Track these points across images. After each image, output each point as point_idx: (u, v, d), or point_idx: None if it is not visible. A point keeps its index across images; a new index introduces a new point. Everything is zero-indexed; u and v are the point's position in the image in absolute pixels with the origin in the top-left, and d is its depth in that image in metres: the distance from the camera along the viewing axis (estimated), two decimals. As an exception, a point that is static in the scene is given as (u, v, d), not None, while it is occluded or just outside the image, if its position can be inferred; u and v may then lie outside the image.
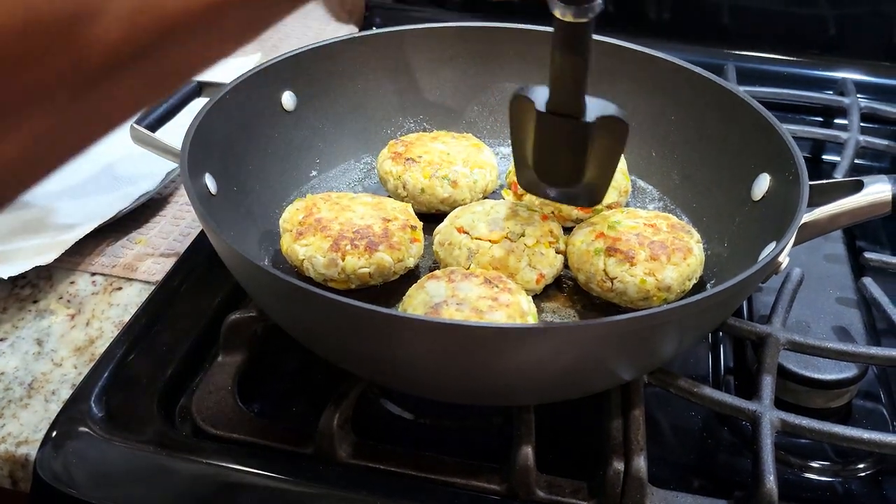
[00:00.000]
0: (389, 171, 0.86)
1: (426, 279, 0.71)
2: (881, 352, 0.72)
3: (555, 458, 0.66)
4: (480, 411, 0.73)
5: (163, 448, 0.66)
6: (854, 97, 1.14)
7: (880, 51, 1.23)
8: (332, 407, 0.65)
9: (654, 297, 0.73)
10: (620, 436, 0.65)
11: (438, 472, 0.65)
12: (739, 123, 0.82)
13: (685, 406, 0.72)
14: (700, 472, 0.70)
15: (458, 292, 0.68)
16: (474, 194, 0.87)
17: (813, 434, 0.66)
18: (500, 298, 0.67)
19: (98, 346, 0.77)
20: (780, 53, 1.25)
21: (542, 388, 0.63)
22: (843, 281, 0.85)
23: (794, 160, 0.73)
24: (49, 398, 0.72)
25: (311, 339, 0.66)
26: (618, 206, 0.86)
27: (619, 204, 0.86)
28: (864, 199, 0.70)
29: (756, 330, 0.74)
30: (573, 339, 0.56)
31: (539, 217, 0.79)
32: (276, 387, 0.75)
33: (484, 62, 0.97)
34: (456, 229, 0.78)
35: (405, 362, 0.61)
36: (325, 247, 0.74)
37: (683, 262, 0.74)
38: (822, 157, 1.12)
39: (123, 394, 0.70)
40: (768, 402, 0.68)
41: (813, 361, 0.74)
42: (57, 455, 0.65)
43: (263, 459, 0.65)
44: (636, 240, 0.75)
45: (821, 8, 1.22)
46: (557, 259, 0.77)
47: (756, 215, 0.78)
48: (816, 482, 0.69)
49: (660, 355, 0.64)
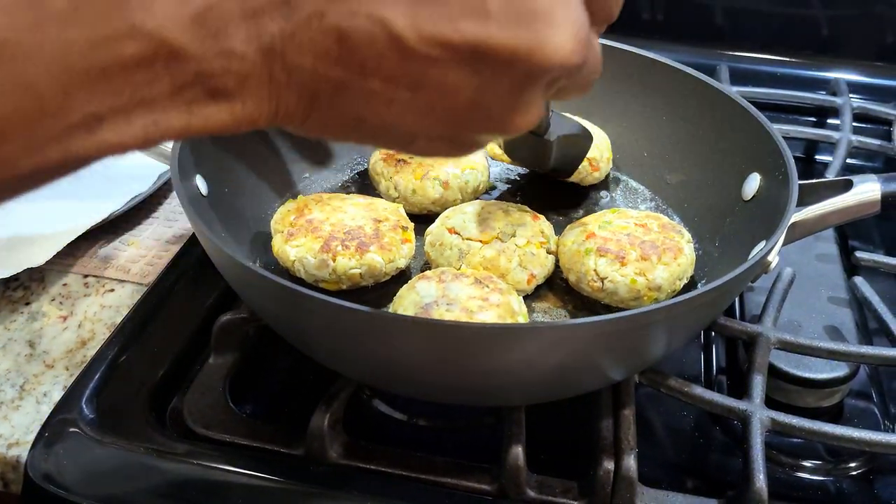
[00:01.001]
0: (381, 173, 0.87)
1: (417, 280, 0.71)
2: (872, 351, 0.73)
3: (546, 458, 0.67)
4: (472, 411, 0.73)
5: (154, 449, 0.65)
6: (846, 97, 1.14)
7: (873, 51, 1.23)
8: (323, 407, 0.65)
9: (644, 296, 0.73)
10: (611, 435, 0.65)
11: (429, 472, 0.65)
12: (730, 124, 0.82)
13: (677, 405, 0.72)
14: (692, 472, 0.70)
15: (448, 293, 0.68)
16: (465, 195, 0.87)
17: (803, 433, 0.66)
18: (490, 298, 0.67)
19: (90, 347, 0.77)
20: (772, 54, 1.25)
21: (533, 388, 0.63)
22: (835, 280, 0.86)
23: (784, 160, 0.73)
24: (41, 400, 0.72)
25: (301, 341, 0.66)
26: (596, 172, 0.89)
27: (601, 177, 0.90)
28: (854, 198, 0.70)
29: (747, 329, 0.74)
30: (562, 338, 0.56)
31: (530, 217, 0.79)
32: (268, 388, 0.75)
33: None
34: (447, 230, 0.78)
35: (395, 363, 0.61)
36: (315, 247, 0.74)
37: (674, 262, 0.74)
38: (815, 157, 1.12)
39: (115, 395, 0.70)
40: (759, 402, 0.68)
41: (804, 361, 0.74)
42: (48, 456, 0.65)
43: (254, 460, 0.65)
44: (627, 240, 0.75)
45: (813, 8, 1.23)
46: (548, 259, 0.77)
47: (747, 215, 0.78)
48: (808, 481, 0.70)
49: (650, 355, 0.64)
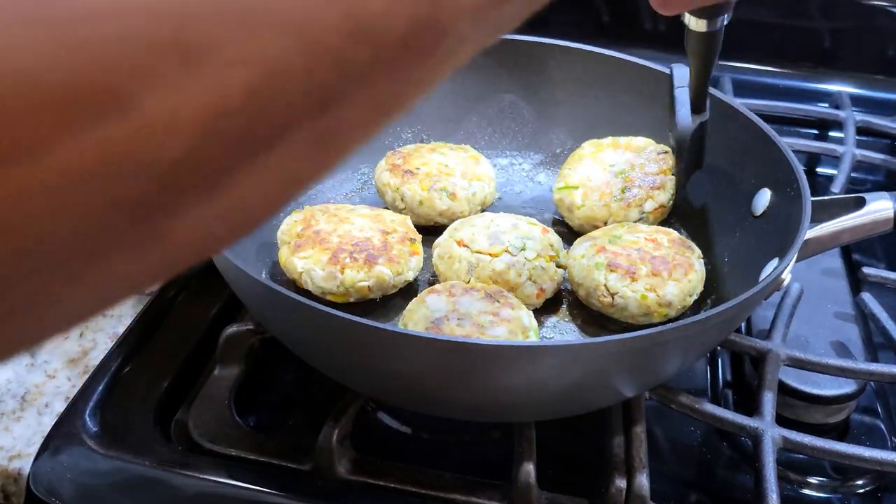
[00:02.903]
0: (387, 184, 0.86)
1: (426, 293, 0.70)
2: (881, 368, 0.72)
3: (556, 475, 0.66)
4: (479, 425, 0.72)
5: (158, 463, 0.65)
6: (849, 111, 1.14)
7: (875, 64, 1.23)
8: (332, 423, 0.64)
9: (654, 312, 0.73)
10: (622, 453, 0.64)
11: (438, 489, 0.64)
12: (740, 138, 0.82)
13: (684, 421, 0.72)
14: (700, 488, 0.70)
15: (458, 307, 0.67)
16: (473, 207, 0.86)
17: (815, 452, 0.66)
18: (501, 313, 0.67)
19: (92, 357, 0.76)
20: (775, 66, 1.25)
21: (545, 405, 0.63)
22: (841, 296, 0.86)
23: (795, 176, 0.73)
24: (42, 411, 0.71)
25: (308, 353, 0.66)
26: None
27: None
28: (867, 216, 0.70)
29: (756, 346, 0.73)
30: (577, 357, 0.56)
31: (539, 230, 0.79)
32: (274, 401, 0.75)
33: (482, 73, 0.97)
34: (455, 242, 0.77)
35: (406, 379, 0.60)
36: (323, 259, 0.73)
37: (685, 278, 0.74)
38: (817, 169, 1.12)
39: (118, 407, 0.69)
40: (770, 419, 0.67)
41: (811, 377, 0.74)
42: (51, 469, 0.64)
43: (261, 475, 0.64)
44: (637, 255, 0.75)
45: (816, 21, 1.23)
46: (558, 273, 0.77)
47: (757, 230, 0.78)
48: (815, 498, 0.69)
49: (663, 372, 0.64)
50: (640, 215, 0.83)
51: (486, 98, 0.97)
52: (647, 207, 0.84)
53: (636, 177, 0.85)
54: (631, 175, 0.85)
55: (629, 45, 0.93)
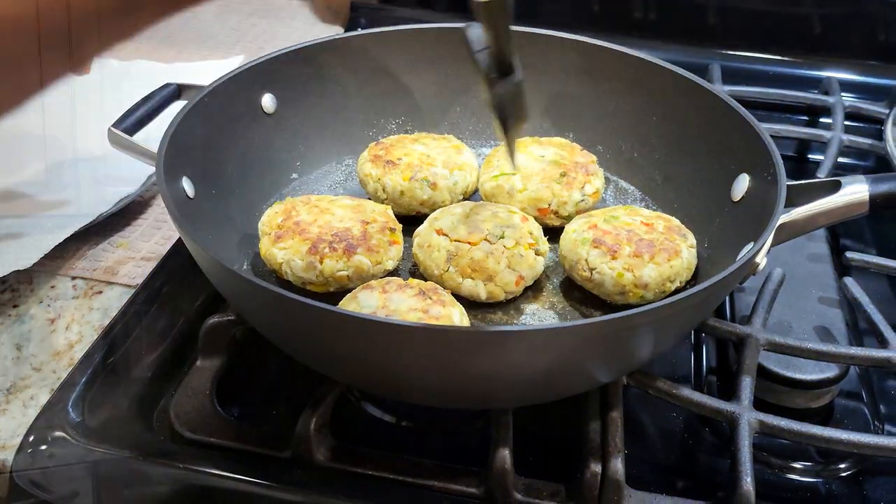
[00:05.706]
0: (369, 174, 0.86)
1: (361, 289, 0.71)
2: (861, 352, 0.72)
3: (533, 460, 0.66)
4: (460, 414, 0.73)
5: (141, 453, 0.65)
6: (838, 96, 1.14)
7: (864, 50, 1.23)
8: (310, 411, 0.65)
9: (630, 292, 0.74)
10: (598, 438, 0.65)
11: (416, 476, 0.65)
12: (720, 124, 0.82)
13: (666, 407, 0.72)
14: (681, 473, 0.70)
15: (389, 303, 0.68)
16: (454, 196, 0.86)
17: (792, 435, 0.66)
18: (430, 311, 0.67)
19: (77, 350, 0.76)
20: (764, 53, 1.25)
21: (521, 391, 0.63)
22: (826, 281, 0.85)
23: (772, 160, 0.73)
24: (27, 403, 0.71)
25: (286, 343, 0.66)
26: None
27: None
28: (842, 199, 0.70)
29: (736, 331, 0.74)
30: (548, 341, 0.56)
31: (519, 219, 0.79)
32: (255, 391, 0.75)
33: (466, 64, 0.96)
34: (435, 231, 0.77)
35: (381, 366, 0.60)
36: (303, 250, 0.74)
37: (666, 263, 0.74)
38: (808, 155, 1.12)
39: (101, 398, 0.70)
40: (747, 403, 0.68)
41: (794, 362, 0.74)
42: (34, 460, 0.65)
43: (241, 463, 0.65)
44: (626, 235, 0.76)
45: (805, 7, 1.23)
46: (537, 261, 0.77)
47: (736, 216, 0.78)
48: (798, 483, 0.69)
49: (636, 357, 0.64)
50: (582, 197, 0.85)
51: (470, 89, 0.97)
52: (588, 190, 0.85)
53: (569, 165, 0.87)
54: (564, 163, 0.87)
55: (617, 35, 0.93)
